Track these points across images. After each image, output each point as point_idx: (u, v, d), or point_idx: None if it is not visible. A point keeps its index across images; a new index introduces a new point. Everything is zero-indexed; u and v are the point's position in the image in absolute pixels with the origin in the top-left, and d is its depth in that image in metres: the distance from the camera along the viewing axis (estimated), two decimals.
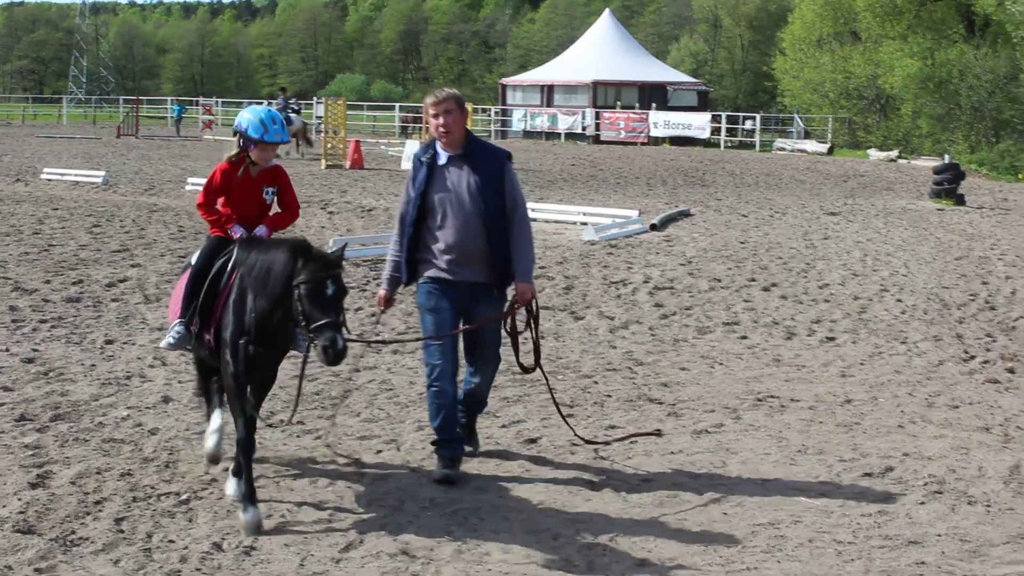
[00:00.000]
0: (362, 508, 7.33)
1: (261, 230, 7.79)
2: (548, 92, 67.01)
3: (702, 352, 12.28)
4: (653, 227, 22.71)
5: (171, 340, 7.74)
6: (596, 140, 61.18)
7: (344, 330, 6.91)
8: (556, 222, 23.44)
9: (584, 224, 22.51)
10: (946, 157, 33.89)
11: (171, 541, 6.71)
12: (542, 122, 64.79)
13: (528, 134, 64.60)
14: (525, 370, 8.56)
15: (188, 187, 28.00)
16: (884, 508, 7.45)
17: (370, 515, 7.21)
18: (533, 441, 8.88)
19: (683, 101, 66.63)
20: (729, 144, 59.83)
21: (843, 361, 11.93)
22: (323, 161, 38.32)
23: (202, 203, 7.87)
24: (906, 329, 13.58)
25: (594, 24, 74.10)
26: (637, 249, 19.77)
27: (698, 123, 60.84)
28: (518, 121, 66.04)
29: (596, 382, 10.86)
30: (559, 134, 63.40)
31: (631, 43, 72.37)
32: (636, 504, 7.51)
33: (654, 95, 65.34)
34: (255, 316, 7.03)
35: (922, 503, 7.59)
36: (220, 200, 7.84)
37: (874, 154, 52.12)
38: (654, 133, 60.40)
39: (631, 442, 8.86)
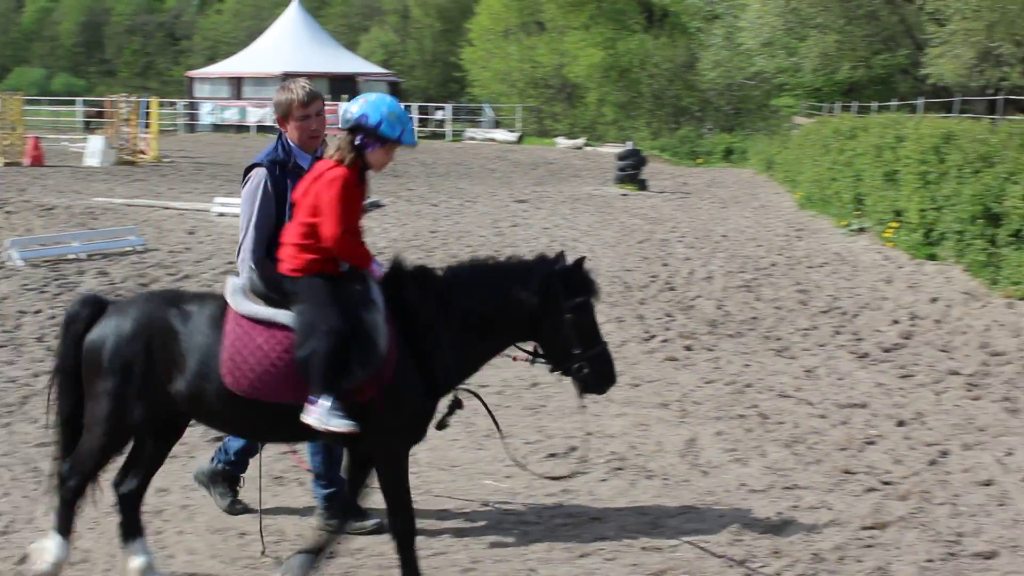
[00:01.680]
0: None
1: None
2: (237, 84, 65.83)
3: None
4: None
5: (341, 421, 5.65)
6: None
7: None
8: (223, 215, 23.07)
9: None
10: (629, 144, 35.09)
11: None
12: (232, 115, 63.68)
13: (218, 127, 63.35)
14: None
15: None
16: (567, 487, 7.66)
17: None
18: (219, 440, 8.73)
19: (374, 92, 66.52)
20: (420, 134, 60.21)
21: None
22: (0, 159, 36.59)
23: (344, 231, 5.84)
24: None
25: (283, 15, 73.21)
26: None
27: None
28: (207, 115, 64.65)
29: None
30: (250, 127, 62.46)
31: (321, 34, 71.85)
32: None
33: (345, 86, 65.08)
34: (471, 359, 6.04)
35: (604, 480, 7.85)
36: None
37: (562, 142, 53.45)
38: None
39: None
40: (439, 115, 62.71)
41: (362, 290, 5.84)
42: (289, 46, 66.62)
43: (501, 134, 57.78)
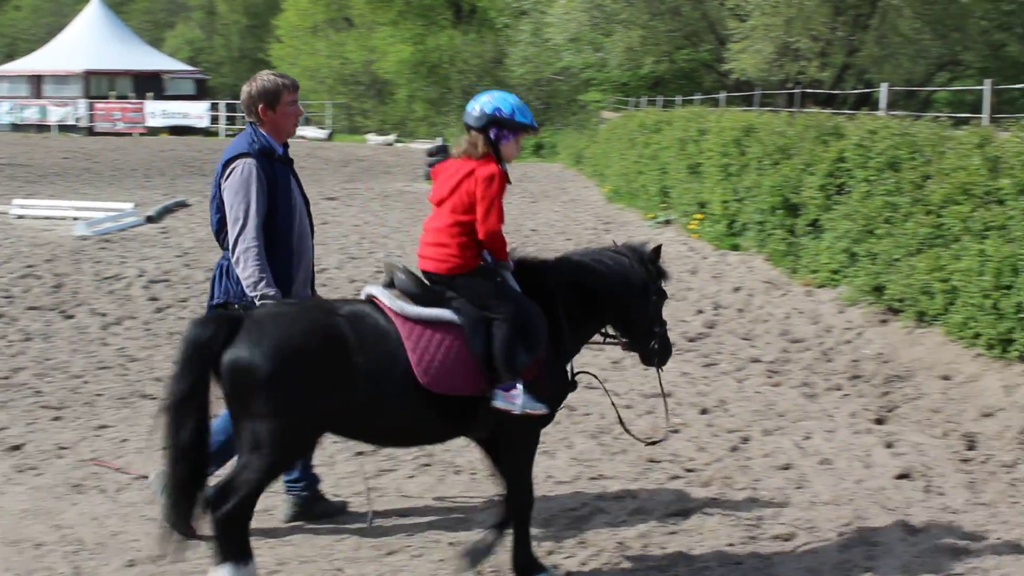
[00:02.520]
0: None
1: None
2: (37, 83, 63.86)
3: None
4: (149, 219, 22.15)
5: (536, 404, 5.96)
6: (91, 132, 59.02)
7: None
8: (47, 218, 22.39)
9: (76, 219, 21.64)
10: (439, 140, 35.11)
11: None
12: (32, 114, 61.76)
13: (17, 127, 61.38)
14: None
15: None
16: (376, 484, 7.60)
17: None
18: (17, 448, 8.44)
19: (181, 90, 65.41)
20: (229, 133, 59.26)
21: None
22: None
23: (501, 226, 6.07)
24: None
25: (83, 11, 71.29)
26: (132, 242, 19.21)
27: (196, 112, 59.96)
28: (5, 114, 62.57)
29: (87, 382, 10.46)
30: (50, 126, 60.67)
31: (124, 31, 70.16)
32: (126, 504, 7.29)
33: (150, 84, 63.76)
34: (580, 340, 6.44)
35: (412, 476, 7.82)
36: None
37: (372, 138, 53.25)
38: (152, 123, 59.00)
39: (122, 440, 8.60)
40: None
41: (505, 279, 6.12)
42: (91, 43, 64.87)
43: (311, 131, 57.21)
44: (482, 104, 6.19)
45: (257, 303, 6.41)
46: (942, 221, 10.85)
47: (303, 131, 57.24)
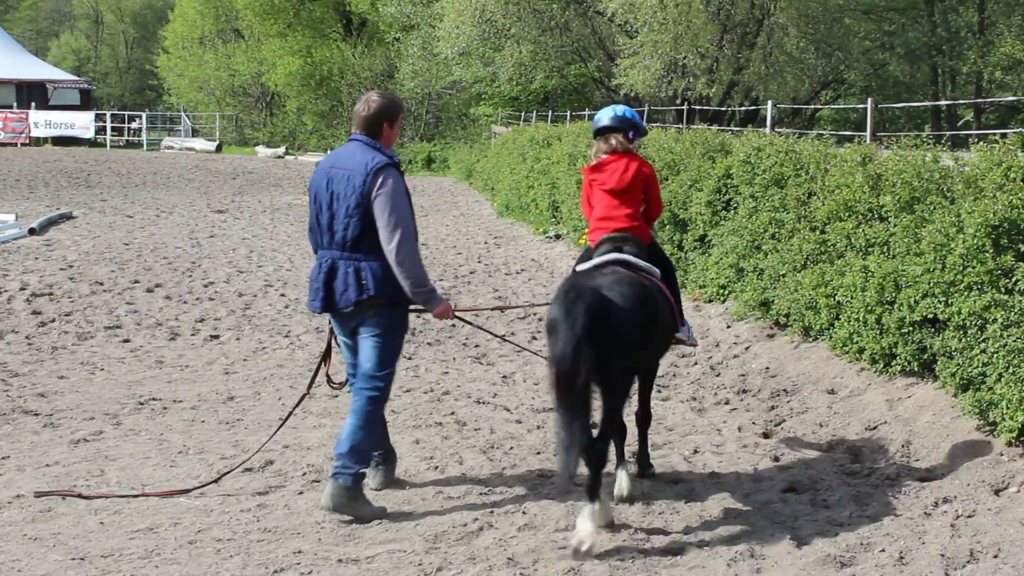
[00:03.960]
0: None
1: None
2: None
3: (82, 359, 11.88)
4: (32, 231, 21.73)
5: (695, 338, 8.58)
6: None
7: None
8: None
9: None
10: (330, 152, 34.85)
11: None
12: None
13: None
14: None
15: None
16: (264, 501, 7.51)
17: None
18: None
19: (65, 100, 64.31)
20: (115, 143, 58.45)
21: (227, 359, 11.95)
22: None
23: None
24: (289, 323, 13.83)
25: None
26: (15, 255, 18.82)
27: (82, 122, 58.98)
28: None
29: None
30: None
31: (6, 39, 68.83)
32: (6, 523, 7.10)
33: (34, 93, 62.57)
34: None
35: (301, 492, 7.72)
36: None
37: (262, 151, 52.84)
38: (35, 133, 57.92)
39: (3, 457, 8.40)
40: (134, 124, 60.98)
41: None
42: None
43: (200, 143, 56.63)
44: (622, 111, 7.93)
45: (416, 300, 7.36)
46: (826, 237, 11.03)
47: (191, 143, 56.63)
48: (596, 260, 7.53)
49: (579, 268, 7.74)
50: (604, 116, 7.91)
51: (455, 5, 36.58)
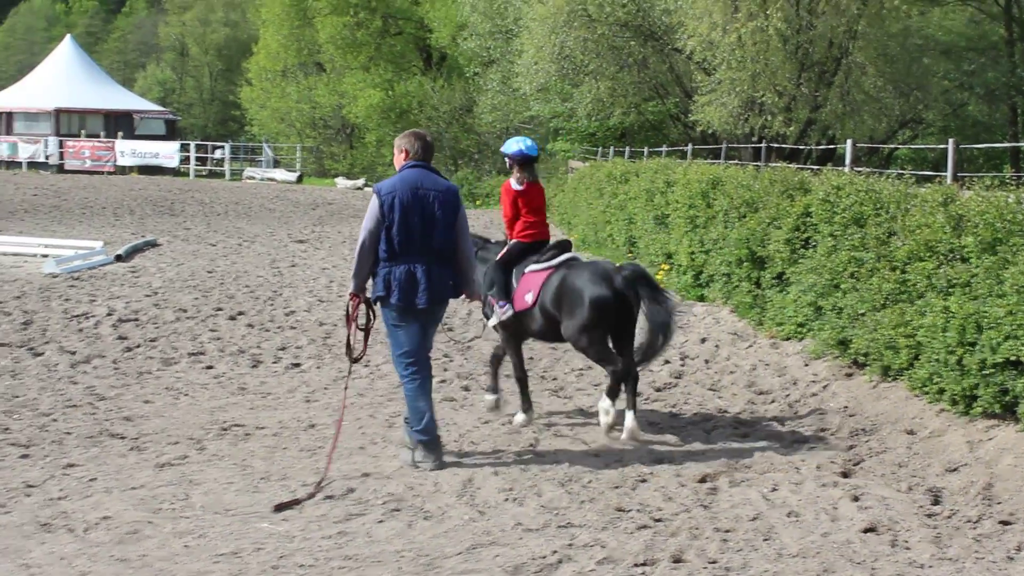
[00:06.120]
0: None
1: None
2: (7, 120, 63.79)
3: (167, 384, 12.11)
4: (119, 258, 22.14)
5: None
6: (60, 169, 58.93)
7: None
8: (15, 255, 22.35)
9: (45, 256, 21.61)
10: None
11: None
12: (1, 150, 61.64)
13: None
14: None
15: None
16: (344, 529, 7.61)
17: None
18: None
19: (151, 130, 65.47)
20: (199, 173, 59.34)
21: (308, 387, 12.12)
22: None
23: None
24: (369, 353, 13.97)
25: (56, 50, 71.35)
26: (101, 281, 19.20)
27: (166, 152, 59.96)
28: None
29: (55, 419, 10.46)
30: (20, 163, 60.53)
31: (95, 70, 70.25)
32: (95, 543, 7.27)
33: (121, 123, 63.75)
34: None
35: (381, 521, 7.81)
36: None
37: (341, 182, 53.33)
38: (122, 162, 58.97)
39: (91, 479, 8.60)
40: (218, 154, 61.88)
41: None
42: (62, 82, 64.96)
43: (281, 174, 57.32)
44: (533, 143, 10.59)
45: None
46: (907, 277, 10.99)
47: (272, 173, 57.34)
48: (562, 258, 10.30)
49: (542, 264, 10.31)
50: (524, 147, 10.48)
51: (534, 41, 36.79)
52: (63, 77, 65.83)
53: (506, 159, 10.61)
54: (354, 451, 9.58)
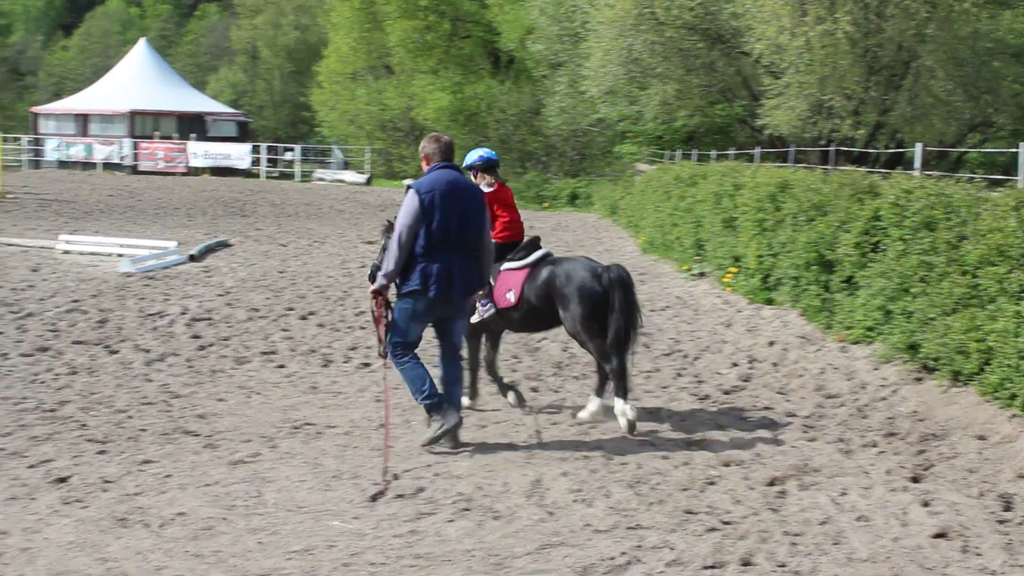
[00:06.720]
0: None
1: None
2: (84, 121, 64.82)
3: (239, 382, 12.28)
4: (192, 258, 22.43)
5: None
6: (135, 170, 59.75)
7: None
8: (92, 254, 22.73)
9: (120, 256, 21.94)
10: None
11: None
12: (78, 152, 62.59)
13: (63, 164, 62.27)
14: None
15: None
16: (415, 528, 7.69)
17: None
18: (63, 480, 8.60)
19: (223, 131, 66.22)
20: (270, 174, 59.91)
21: (378, 386, 12.21)
22: None
23: None
24: (438, 353, 14.05)
25: (130, 53, 72.33)
26: (175, 280, 19.48)
27: (238, 153, 60.61)
28: (53, 151, 63.52)
29: (131, 416, 10.65)
30: (96, 164, 61.43)
31: (169, 72, 71.15)
32: (170, 539, 7.42)
33: (193, 125, 64.54)
34: None
35: (451, 520, 7.89)
36: None
37: (410, 183, 53.56)
38: (194, 163, 59.69)
39: (166, 476, 8.76)
40: (288, 156, 62.40)
41: None
42: (137, 84, 65.92)
43: (350, 175, 57.74)
44: (490, 152, 11.37)
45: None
46: (978, 282, 10.92)
47: (341, 175, 57.75)
48: (538, 254, 10.84)
49: (517, 262, 10.77)
50: (486, 155, 11.31)
51: (602, 44, 36.72)
52: (138, 80, 66.76)
53: (471, 171, 11.09)
54: (423, 451, 9.67)
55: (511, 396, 11.27)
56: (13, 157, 62.43)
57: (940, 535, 7.71)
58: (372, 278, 10.20)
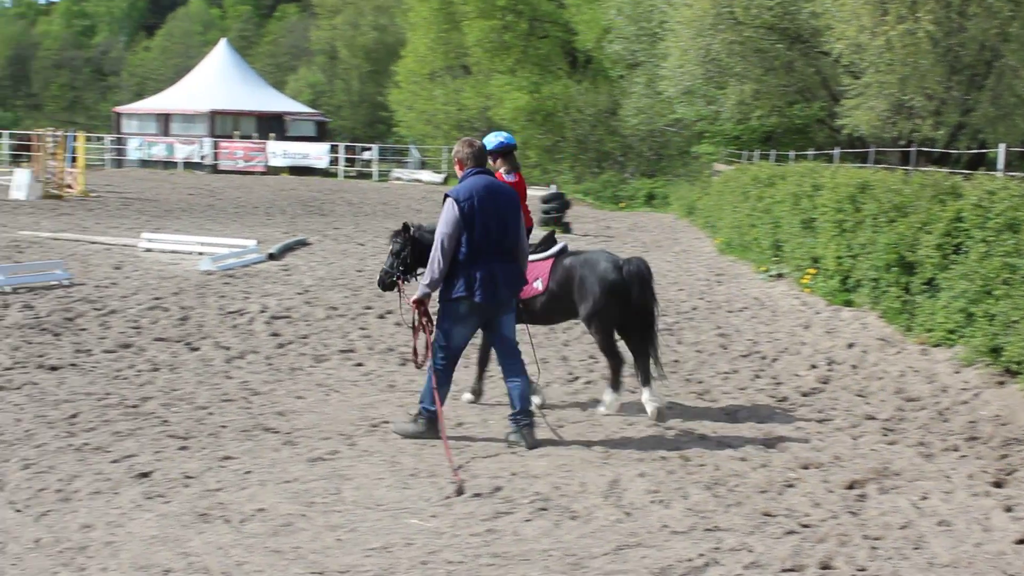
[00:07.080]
0: None
1: None
2: (165, 121, 65.72)
3: (318, 380, 12.39)
4: (271, 256, 22.65)
5: None
6: (215, 169, 60.46)
7: None
8: (173, 252, 23.03)
9: (201, 254, 22.21)
10: (553, 187, 35.30)
11: None
12: (159, 151, 63.46)
13: (145, 163, 63.15)
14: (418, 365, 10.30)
15: None
16: (492, 527, 7.72)
17: None
18: (146, 475, 8.72)
19: (301, 131, 66.84)
20: (348, 174, 60.34)
21: (456, 385, 12.16)
22: None
23: None
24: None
25: (211, 53, 73.18)
26: (255, 279, 19.68)
27: (316, 153, 61.12)
28: (134, 150, 64.42)
29: (211, 413, 10.77)
30: (177, 163, 62.22)
31: (249, 73, 71.89)
32: (250, 535, 7.50)
33: (272, 125, 65.20)
34: None
35: (528, 520, 7.90)
36: None
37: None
38: (273, 163, 60.27)
39: (246, 472, 8.86)
40: (366, 155, 62.81)
41: None
42: (217, 84, 66.72)
43: (427, 175, 57.98)
44: (508, 136, 11.25)
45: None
46: None
47: (418, 174, 58.02)
48: (559, 246, 11.01)
49: (540, 254, 10.93)
50: (505, 139, 11.21)
51: (680, 44, 36.60)
52: (218, 80, 67.57)
53: (490, 156, 10.89)
54: (501, 450, 9.71)
55: (468, 396, 11.55)
56: (96, 156, 63.42)
57: (1023, 541, 7.61)
58: (381, 284, 10.78)
